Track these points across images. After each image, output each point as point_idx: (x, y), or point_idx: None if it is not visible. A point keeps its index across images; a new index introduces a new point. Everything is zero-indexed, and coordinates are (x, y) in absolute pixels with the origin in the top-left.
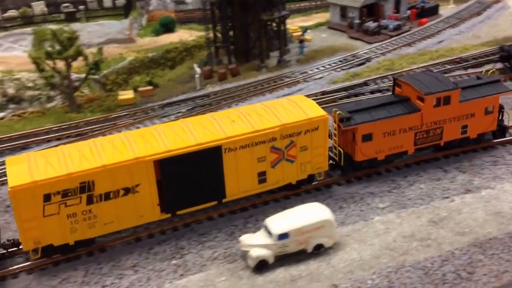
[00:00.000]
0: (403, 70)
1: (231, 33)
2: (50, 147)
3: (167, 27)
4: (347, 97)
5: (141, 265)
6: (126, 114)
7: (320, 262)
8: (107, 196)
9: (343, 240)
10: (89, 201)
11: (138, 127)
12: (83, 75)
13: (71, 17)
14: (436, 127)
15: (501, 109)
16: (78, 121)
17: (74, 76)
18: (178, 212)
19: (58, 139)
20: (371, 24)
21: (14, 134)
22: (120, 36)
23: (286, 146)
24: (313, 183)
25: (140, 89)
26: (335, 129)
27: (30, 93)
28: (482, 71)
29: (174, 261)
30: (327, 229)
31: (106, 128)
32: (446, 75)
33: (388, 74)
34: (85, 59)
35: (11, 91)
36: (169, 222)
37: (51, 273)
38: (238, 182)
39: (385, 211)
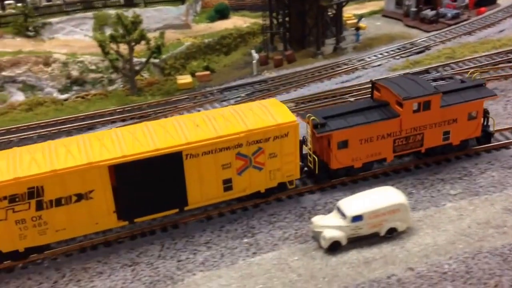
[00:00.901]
0: (465, 58)
1: (286, 19)
2: (117, 127)
3: (221, 13)
4: None
5: (214, 242)
6: (186, 98)
7: (394, 246)
8: (58, 202)
9: (415, 225)
10: (39, 207)
11: (198, 110)
12: (143, 59)
13: (130, 2)
14: (416, 134)
15: (485, 114)
16: (141, 103)
17: (134, 60)
18: (136, 220)
19: (123, 120)
20: (429, 12)
21: (80, 114)
22: (177, 21)
23: (253, 153)
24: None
25: (198, 74)
26: (310, 136)
27: (92, 75)
28: (466, 74)
29: (245, 240)
30: (401, 213)
31: (168, 110)
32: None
33: (450, 62)
34: (147, 43)
35: (75, 73)
36: (239, 202)
37: (129, 246)
38: (202, 189)
39: (457, 197)
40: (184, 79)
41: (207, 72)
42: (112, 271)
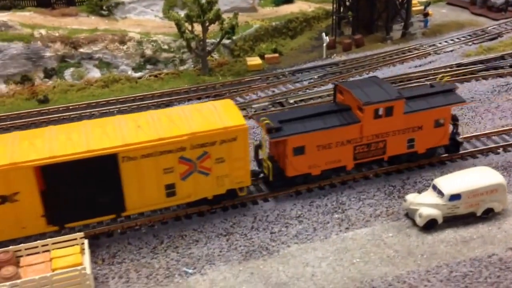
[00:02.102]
0: None
1: (355, 4)
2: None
3: None
4: (486, 69)
5: (305, 216)
6: (258, 78)
7: (491, 226)
8: None
9: (510, 207)
10: None
11: (273, 91)
12: (214, 40)
13: None
14: (378, 141)
15: (454, 121)
16: (215, 83)
17: (206, 41)
18: (67, 225)
19: (199, 98)
20: (498, 1)
21: (156, 92)
22: (244, 4)
23: (198, 157)
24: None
25: (267, 56)
26: (264, 140)
27: (165, 55)
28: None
29: (336, 215)
30: (499, 193)
31: (242, 90)
32: None
33: None
34: (221, 23)
35: (148, 52)
36: (326, 179)
37: (222, 217)
38: (141, 194)
39: None
40: (254, 60)
41: (276, 55)
42: (208, 240)
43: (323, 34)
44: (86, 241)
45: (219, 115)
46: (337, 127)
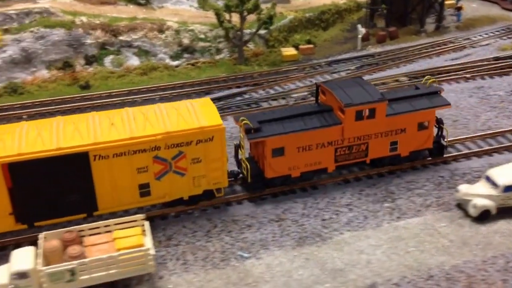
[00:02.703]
0: None
1: None
2: (231, 94)
3: None
4: None
5: (355, 205)
6: (295, 69)
7: None
8: None
9: None
10: None
11: (311, 81)
12: (250, 30)
13: None
14: (360, 143)
15: (439, 124)
16: (252, 72)
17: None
18: (37, 223)
19: (238, 86)
20: None
21: (195, 80)
22: None
23: (173, 157)
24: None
25: (301, 46)
26: (242, 140)
27: (201, 44)
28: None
29: (386, 204)
30: None
31: (279, 80)
32: None
33: None
34: (259, 13)
35: (186, 41)
36: (374, 168)
37: (273, 203)
38: (114, 194)
39: None
40: (289, 51)
41: (311, 46)
42: (260, 225)
43: (359, 26)
44: (146, 223)
45: (196, 114)
46: (318, 129)
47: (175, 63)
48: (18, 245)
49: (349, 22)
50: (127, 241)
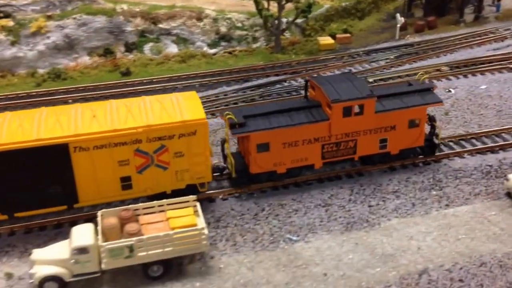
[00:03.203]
0: None
1: None
2: (270, 81)
3: None
4: None
5: (401, 192)
6: (333, 57)
7: None
8: None
9: None
10: None
11: (349, 69)
12: (287, 19)
13: None
14: (348, 140)
15: (431, 122)
16: (290, 60)
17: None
18: (17, 214)
19: (276, 74)
20: None
21: (233, 67)
22: None
23: (155, 151)
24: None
25: (338, 36)
26: (227, 135)
27: (238, 32)
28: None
29: (434, 192)
30: None
31: (318, 68)
32: None
33: None
34: (297, 2)
35: (223, 29)
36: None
37: (319, 188)
38: (95, 186)
39: None
40: (326, 40)
41: (348, 35)
42: (307, 210)
43: (397, 15)
44: (198, 204)
45: (179, 107)
46: (304, 124)
47: (213, 51)
48: (74, 222)
49: (385, 11)
50: (180, 220)
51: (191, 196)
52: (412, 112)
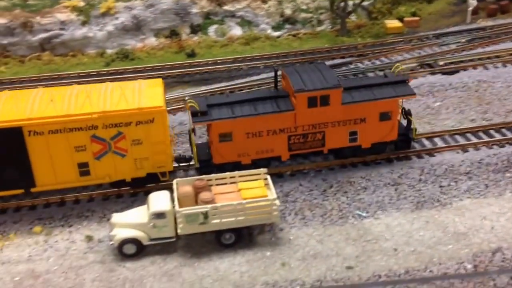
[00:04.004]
0: None
1: None
2: (336, 64)
3: None
4: None
5: (474, 173)
6: (401, 40)
7: None
8: None
9: None
10: None
11: (419, 53)
12: (353, 1)
13: None
14: (316, 132)
15: (406, 115)
16: (356, 43)
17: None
18: None
19: (342, 57)
20: None
21: (298, 50)
22: None
23: (112, 137)
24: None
25: (406, 19)
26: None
27: (303, 15)
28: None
29: (508, 174)
30: None
31: (385, 51)
32: None
33: None
34: None
35: (288, 12)
36: (490, 137)
37: (389, 167)
38: (53, 171)
39: None
40: (394, 23)
41: (417, 18)
42: (376, 188)
43: None
44: (269, 177)
45: (139, 94)
46: (268, 114)
47: (277, 33)
48: (148, 192)
49: None
50: (252, 191)
51: (262, 169)
52: (383, 104)
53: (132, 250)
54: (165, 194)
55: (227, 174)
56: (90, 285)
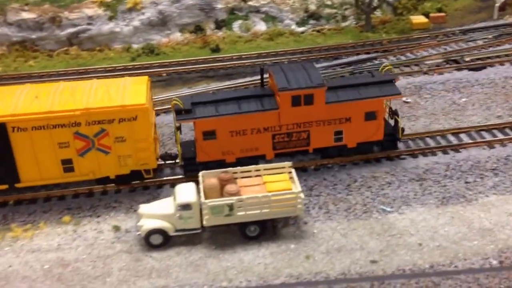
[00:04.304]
0: None
1: None
2: (360, 59)
3: None
4: None
5: (500, 170)
6: (427, 36)
7: None
8: None
9: None
10: None
11: (445, 49)
12: None
13: None
14: (300, 131)
15: (393, 115)
16: (381, 39)
17: None
18: None
19: (367, 53)
20: None
21: (322, 46)
22: None
23: (95, 134)
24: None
25: (432, 15)
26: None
27: (328, 11)
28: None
29: None
30: None
31: (411, 47)
32: None
33: None
34: None
35: (312, 7)
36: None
37: (413, 163)
38: (37, 167)
39: None
40: (419, 19)
41: (443, 14)
42: (401, 183)
43: None
44: (293, 170)
45: (123, 92)
46: (252, 113)
47: (301, 29)
48: (173, 184)
49: None
50: (277, 185)
51: (286, 163)
52: (368, 104)
53: (159, 241)
54: (191, 186)
55: (252, 167)
56: (118, 274)
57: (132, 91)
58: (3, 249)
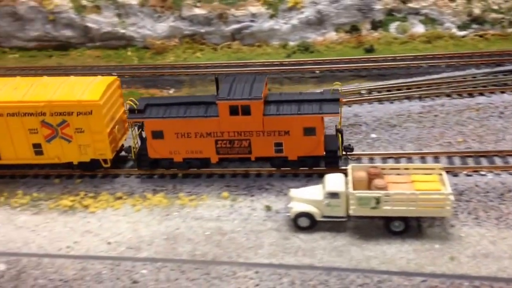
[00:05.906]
0: None
1: None
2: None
3: None
4: None
5: None
6: None
7: None
8: None
9: None
10: None
11: None
12: None
13: None
14: (242, 139)
15: (338, 133)
16: None
17: None
18: None
19: None
20: None
21: (484, 51)
22: None
23: (58, 124)
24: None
25: None
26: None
27: (493, 15)
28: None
29: None
30: None
31: None
32: None
33: None
34: None
35: (476, 11)
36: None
37: None
38: (13, 148)
39: None
40: None
41: None
42: None
43: None
44: (444, 172)
45: (86, 88)
46: (194, 118)
47: (462, 33)
48: (321, 174)
49: None
50: (425, 184)
51: (437, 164)
52: (306, 119)
53: (306, 224)
54: (340, 176)
55: (402, 165)
56: (268, 248)
57: (92, 89)
58: (172, 214)
